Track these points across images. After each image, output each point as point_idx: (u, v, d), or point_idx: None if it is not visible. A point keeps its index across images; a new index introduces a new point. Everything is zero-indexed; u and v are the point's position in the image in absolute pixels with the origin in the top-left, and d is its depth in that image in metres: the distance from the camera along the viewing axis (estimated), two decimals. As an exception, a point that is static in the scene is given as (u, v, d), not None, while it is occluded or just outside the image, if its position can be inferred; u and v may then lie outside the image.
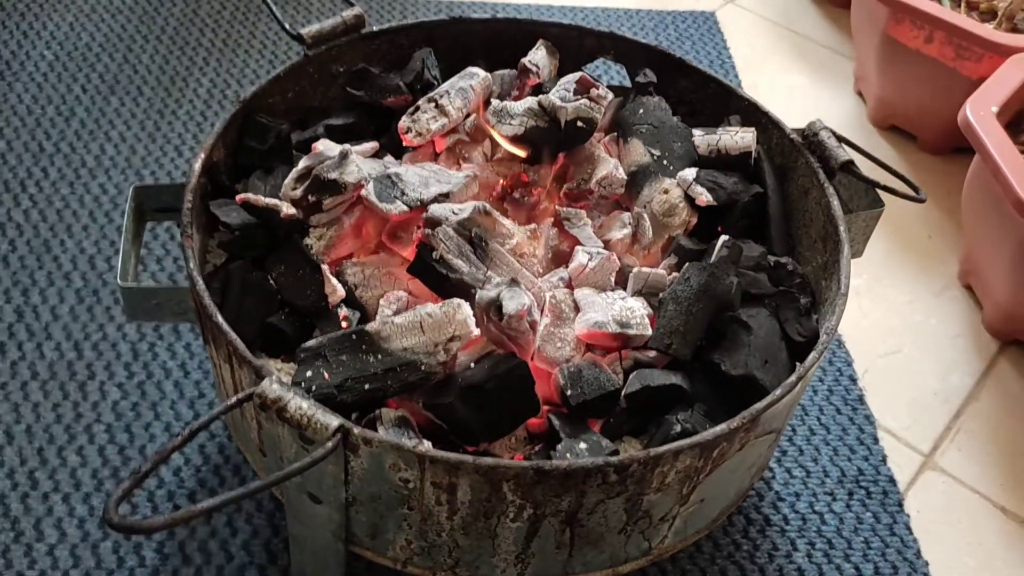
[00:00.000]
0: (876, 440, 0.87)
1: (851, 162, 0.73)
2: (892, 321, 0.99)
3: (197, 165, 0.69)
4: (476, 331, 0.61)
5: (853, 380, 0.92)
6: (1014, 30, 1.12)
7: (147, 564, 0.72)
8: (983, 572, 0.79)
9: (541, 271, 0.71)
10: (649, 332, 0.65)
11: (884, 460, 0.85)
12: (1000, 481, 0.85)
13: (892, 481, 0.84)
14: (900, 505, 0.82)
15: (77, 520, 0.74)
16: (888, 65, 1.14)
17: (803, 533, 0.79)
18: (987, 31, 1.04)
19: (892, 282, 1.03)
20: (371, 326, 0.61)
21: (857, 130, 1.21)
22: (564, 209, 0.74)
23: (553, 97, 0.75)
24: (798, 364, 0.64)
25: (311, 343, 0.61)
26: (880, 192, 0.75)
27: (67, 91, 1.11)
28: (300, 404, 0.54)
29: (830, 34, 1.37)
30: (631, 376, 0.64)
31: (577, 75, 0.78)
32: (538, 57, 0.84)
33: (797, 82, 1.28)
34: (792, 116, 0.81)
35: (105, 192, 1.00)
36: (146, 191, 0.70)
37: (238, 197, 0.68)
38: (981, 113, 0.93)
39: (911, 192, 0.75)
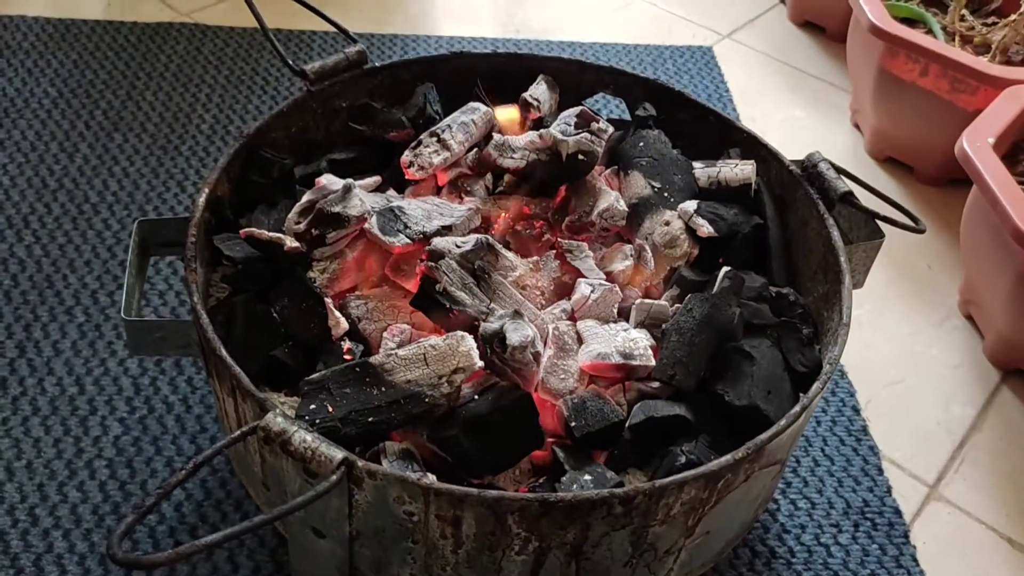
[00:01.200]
0: (880, 471, 0.86)
1: (850, 193, 0.74)
2: (894, 352, 0.99)
3: (201, 200, 0.69)
4: (480, 363, 0.61)
5: (856, 411, 0.92)
6: (1008, 63, 1.14)
7: (148, 601, 0.71)
8: (991, 604, 0.78)
9: (544, 303, 0.71)
10: (652, 363, 0.65)
11: (889, 491, 0.85)
12: (1005, 511, 0.85)
13: (898, 512, 0.83)
14: (906, 536, 0.81)
15: (78, 557, 0.74)
16: (884, 98, 1.15)
17: (809, 565, 0.79)
18: (982, 64, 1.06)
19: (893, 313, 1.03)
20: (375, 359, 0.61)
21: (854, 162, 1.22)
22: (566, 242, 0.74)
23: (554, 131, 0.76)
24: (801, 395, 0.64)
25: (315, 376, 0.61)
26: (880, 223, 0.75)
27: (71, 127, 1.12)
28: (304, 437, 0.54)
29: (826, 68, 1.39)
30: (635, 407, 0.64)
31: (578, 109, 0.79)
32: (539, 91, 0.85)
33: (794, 115, 1.29)
34: (789, 149, 0.82)
35: (108, 228, 1.01)
36: (150, 225, 0.71)
37: (242, 231, 0.68)
38: (978, 144, 0.93)
39: (910, 223, 0.75)
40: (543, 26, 1.41)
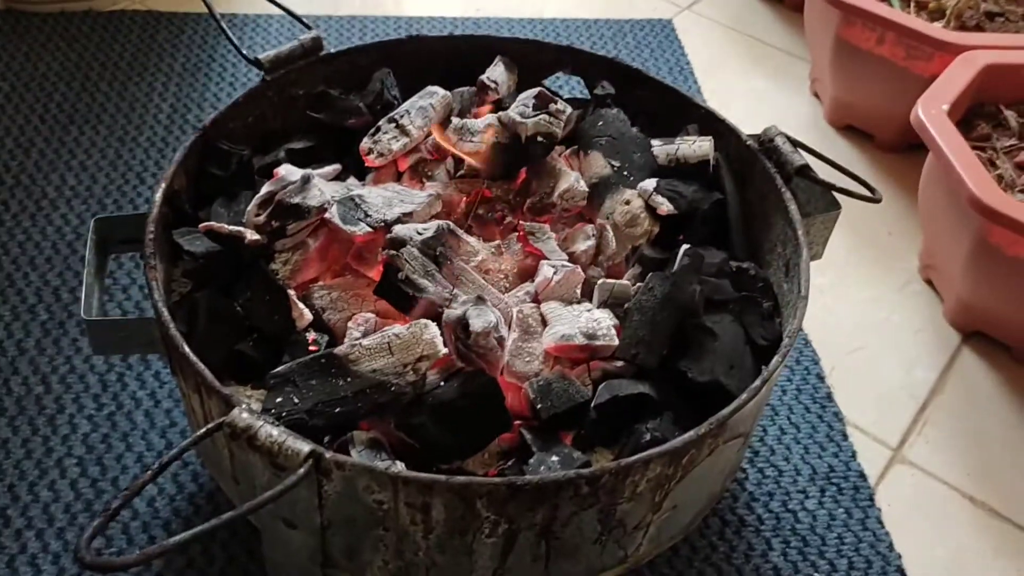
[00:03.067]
0: (845, 436, 0.88)
1: (806, 166, 0.75)
2: (856, 318, 1.00)
3: (158, 195, 0.68)
4: (444, 350, 0.61)
5: (820, 378, 0.93)
6: (962, 28, 1.15)
7: (124, 597, 0.72)
8: (954, 561, 0.80)
9: (507, 286, 0.72)
10: (616, 343, 0.66)
11: (854, 456, 0.87)
12: (967, 471, 0.87)
13: (862, 476, 0.85)
14: (871, 500, 0.83)
15: (51, 556, 0.74)
16: (842, 66, 1.16)
17: (778, 532, 0.80)
18: (936, 30, 1.07)
19: (854, 280, 1.04)
20: (339, 349, 0.62)
21: (814, 131, 1.23)
22: (528, 224, 0.74)
23: (513, 113, 0.76)
24: (763, 367, 0.65)
25: (280, 369, 0.61)
26: (836, 194, 0.76)
27: (25, 122, 1.10)
28: (270, 432, 0.54)
29: (785, 37, 1.39)
30: (600, 387, 0.64)
31: (536, 90, 0.79)
32: (496, 73, 0.84)
33: (755, 86, 1.30)
34: (751, 119, 0.82)
35: (68, 223, 0.99)
36: (108, 223, 0.70)
37: (202, 226, 0.68)
38: (932, 112, 0.95)
39: (867, 193, 0.76)
40: (503, 4, 1.40)
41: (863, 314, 1.01)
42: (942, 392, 0.94)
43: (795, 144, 0.76)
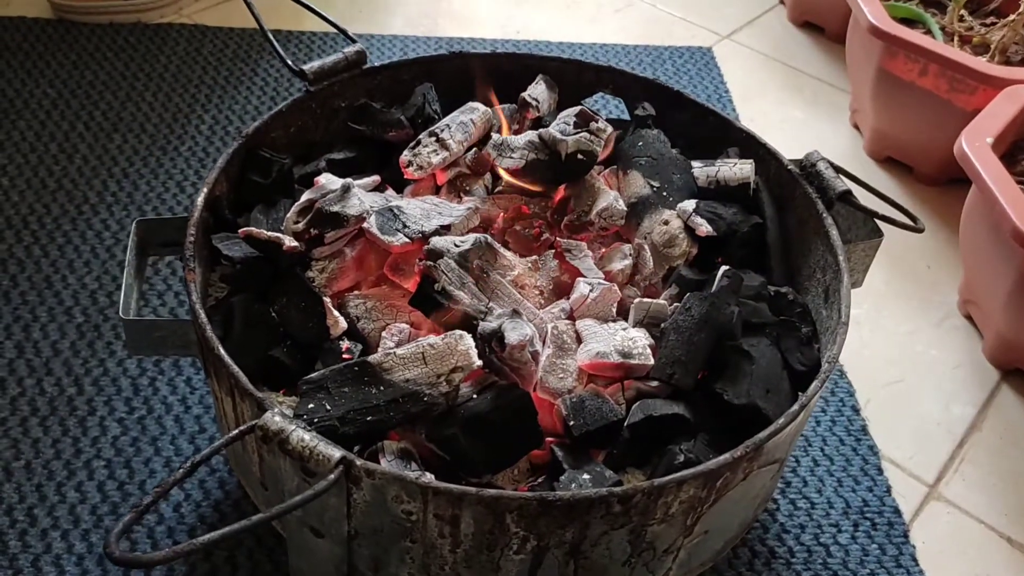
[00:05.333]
0: (880, 471, 0.86)
1: (849, 192, 0.74)
2: (893, 351, 0.99)
3: (200, 199, 0.69)
4: (478, 362, 0.61)
5: (855, 410, 0.92)
6: (1007, 63, 1.14)
7: (146, 601, 0.71)
8: (991, 604, 0.78)
9: (542, 302, 0.71)
10: (651, 362, 0.65)
11: (888, 491, 0.85)
12: (1005, 511, 0.85)
13: (897, 512, 0.83)
14: (906, 536, 0.81)
15: (75, 557, 0.73)
16: (883, 98, 1.15)
17: (809, 565, 0.79)
18: (981, 64, 1.06)
19: (892, 312, 1.03)
20: (373, 358, 0.61)
21: (853, 162, 1.22)
22: (565, 241, 0.74)
23: (553, 130, 0.76)
24: (800, 393, 0.64)
25: (313, 375, 0.61)
26: (878, 222, 0.75)
27: (70, 128, 1.12)
28: (302, 436, 0.54)
29: (825, 68, 1.39)
30: (634, 406, 0.64)
31: (577, 108, 0.79)
32: (538, 91, 0.85)
33: (793, 115, 1.29)
34: (789, 149, 0.82)
35: (107, 228, 1.01)
36: (149, 225, 0.71)
37: (241, 231, 0.68)
38: (976, 144, 0.93)
39: (909, 222, 0.75)
40: (542, 28, 1.41)
41: (900, 347, 0.99)
42: (980, 429, 0.92)
43: (837, 170, 0.76)
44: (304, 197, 0.70)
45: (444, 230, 0.70)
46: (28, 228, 1.00)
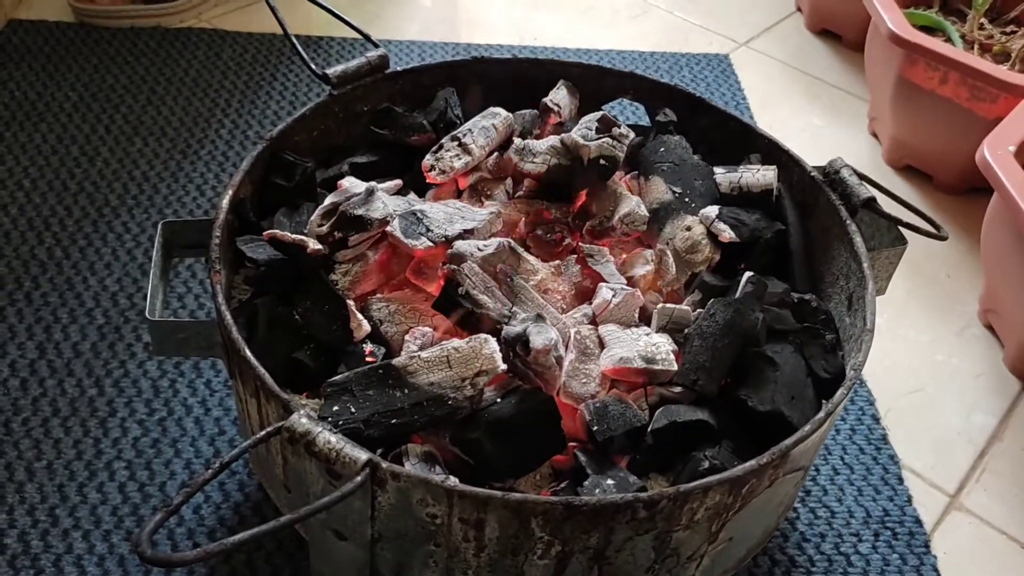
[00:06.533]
0: (901, 480, 0.86)
1: (873, 199, 0.74)
2: (913, 360, 0.98)
3: (224, 201, 0.69)
4: (503, 366, 0.61)
5: (876, 419, 0.91)
6: (1028, 71, 1.13)
7: (167, 603, 0.71)
8: (1014, 615, 0.78)
9: (565, 307, 0.71)
10: (675, 368, 0.65)
11: (909, 500, 0.84)
12: (1028, 522, 0.84)
13: (918, 522, 0.83)
14: (927, 546, 0.81)
15: (97, 557, 0.74)
16: (903, 106, 1.15)
17: (829, 575, 0.78)
18: (1002, 72, 1.05)
19: (912, 321, 1.02)
20: (398, 361, 0.61)
21: (872, 170, 1.22)
22: (587, 246, 0.74)
23: (576, 135, 0.76)
24: (824, 401, 0.63)
25: (338, 378, 0.61)
26: (901, 230, 0.75)
27: (91, 131, 1.13)
28: (329, 438, 0.54)
29: (843, 76, 1.38)
30: (657, 412, 0.63)
31: (599, 114, 0.79)
32: (559, 97, 0.85)
33: (811, 123, 1.29)
34: (807, 156, 0.81)
35: (128, 231, 1.01)
36: (174, 227, 0.71)
37: (266, 233, 0.69)
38: (998, 152, 0.93)
39: (932, 230, 0.75)
40: (559, 34, 1.41)
41: (921, 356, 0.99)
42: (1001, 439, 0.91)
43: (861, 177, 0.75)
44: (328, 200, 0.71)
45: (467, 234, 0.70)
46: (50, 230, 1.00)
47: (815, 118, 1.30)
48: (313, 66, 0.78)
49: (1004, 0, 1.23)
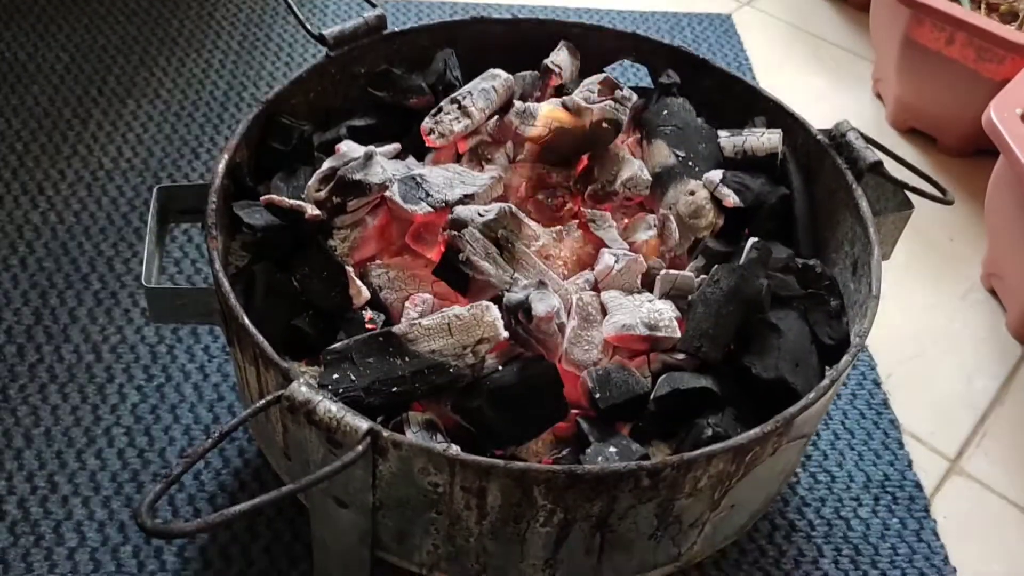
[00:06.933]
0: (901, 445, 0.86)
1: (880, 163, 0.73)
2: (915, 325, 0.98)
3: (220, 166, 0.68)
4: (505, 333, 0.60)
5: (877, 384, 0.91)
6: (1035, 31, 1.12)
7: (168, 568, 0.71)
8: (1012, 578, 0.78)
9: (567, 273, 0.70)
10: (678, 335, 0.65)
11: (910, 465, 0.84)
12: (1027, 486, 0.84)
13: (918, 486, 0.83)
14: (927, 511, 0.81)
15: (97, 524, 0.74)
16: (908, 67, 1.13)
17: (829, 539, 0.78)
18: (1010, 32, 1.03)
19: (914, 286, 1.02)
20: (398, 328, 0.61)
21: (876, 132, 1.19)
22: (589, 211, 0.73)
23: (577, 98, 0.75)
24: (828, 368, 0.63)
25: (337, 345, 0.60)
26: (907, 194, 0.74)
27: (84, 93, 1.11)
28: (329, 407, 0.53)
29: (847, 36, 1.36)
30: (660, 379, 0.63)
31: (601, 76, 0.77)
32: (560, 58, 0.83)
33: (815, 84, 1.27)
34: (811, 118, 0.80)
35: (122, 194, 1.00)
36: (169, 192, 0.70)
37: (263, 198, 0.67)
38: (1005, 115, 0.92)
39: (939, 194, 0.74)
40: (560, -8, 1.39)
41: (922, 321, 0.98)
42: (1002, 404, 0.91)
43: (868, 141, 0.74)
44: (326, 165, 0.69)
45: (468, 199, 0.69)
46: (44, 194, 0.99)
47: (819, 79, 1.28)
48: (309, 27, 0.77)
49: (1013, -42, 1.20)
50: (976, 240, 1.06)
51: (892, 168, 0.76)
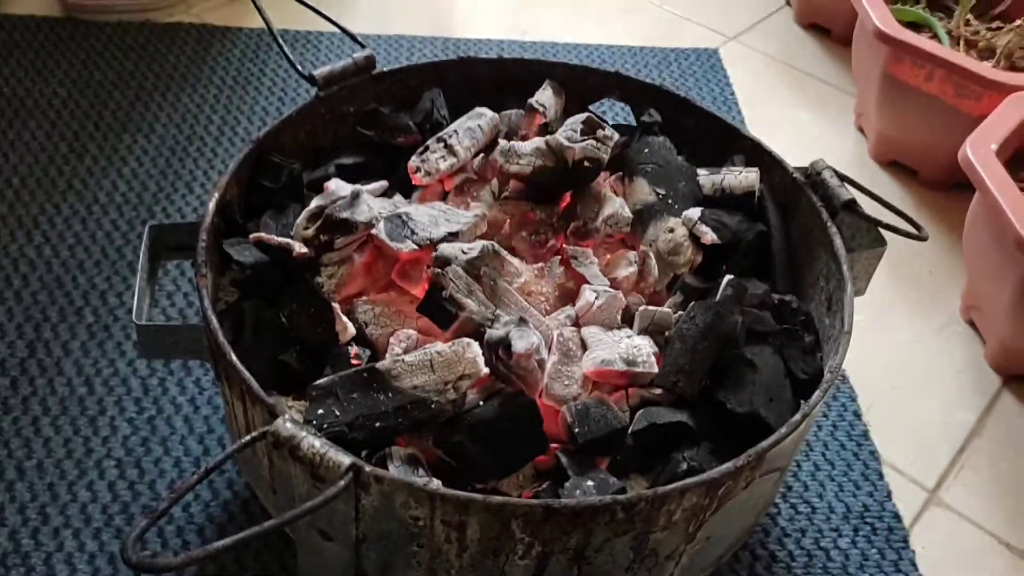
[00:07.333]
0: (881, 476, 0.87)
1: (853, 201, 0.75)
2: (895, 357, 0.99)
3: (211, 205, 0.70)
4: (485, 370, 0.61)
5: (857, 415, 0.92)
6: (1012, 68, 1.14)
7: (156, 600, 0.72)
8: (989, 609, 0.79)
9: (548, 309, 0.72)
10: (655, 370, 0.66)
11: (889, 496, 0.86)
12: (1004, 517, 0.86)
13: (897, 517, 0.84)
14: (905, 541, 0.82)
15: (87, 556, 0.75)
16: (889, 102, 1.16)
17: (809, 570, 0.79)
18: (986, 69, 1.06)
19: (895, 318, 1.03)
20: (382, 364, 0.62)
21: (858, 165, 1.23)
22: (571, 248, 0.75)
23: (560, 137, 0.77)
24: (802, 402, 0.64)
25: (323, 381, 0.62)
26: (882, 230, 0.76)
27: (80, 128, 1.13)
28: (312, 443, 0.55)
29: (831, 70, 1.39)
30: (638, 414, 0.64)
31: (584, 115, 0.79)
32: (545, 97, 0.85)
33: (799, 117, 1.30)
34: (794, 151, 0.82)
35: (117, 228, 1.02)
36: (161, 230, 0.72)
37: (252, 236, 0.69)
38: (981, 151, 0.94)
39: (913, 231, 0.76)
40: (549, 28, 1.41)
41: (902, 352, 1.00)
42: (981, 435, 0.93)
43: (842, 178, 0.76)
44: (314, 203, 0.71)
45: (452, 237, 0.71)
46: (39, 228, 1.01)
47: (802, 112, 1.31)
48: (299, 67, 0.79)
49: (990, -4, 1.24)
50: (956, 272, 1.08)
51: (869, 204, 0.78)
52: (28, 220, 1.01)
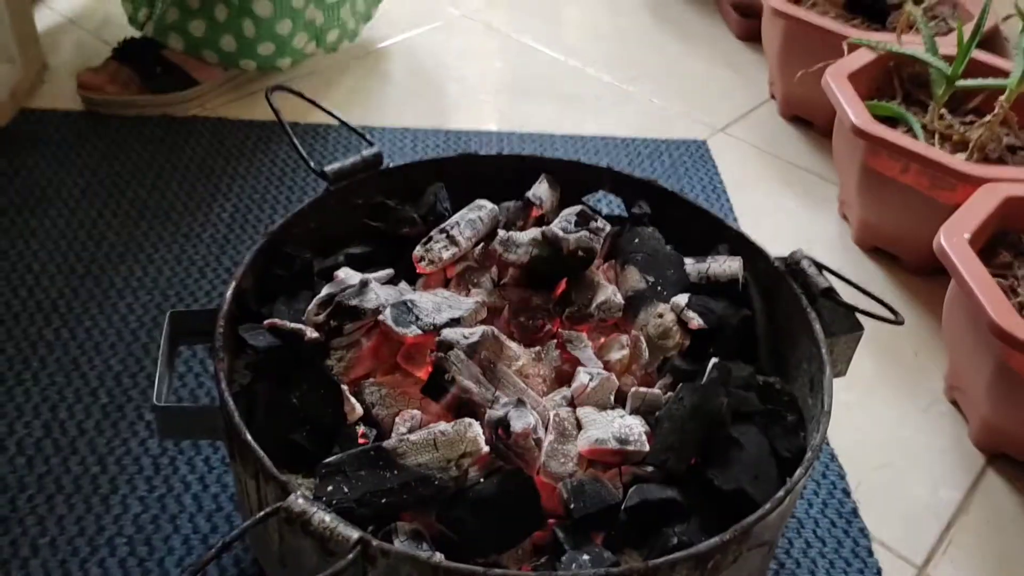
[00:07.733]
0: (871, 552, 0.90)
1: (831, 289, 0.79)
2: (882, 436, 1.03)
3: (228, 293, 0.74)
4: (486, 448, 0.65)
5: (847, 493, 0.95)
6: (985, 160, 1.20)
7: (164, 676, 0.74)
8: None
9: (545, 390, 0.76)
10: (647, 448, 0.70)
11: (879, 573, 0.88)
12: (991, 594, 0.88)
13: (887, 594, 0.86)
14: (895, 618, 0.84)
15: (97, 632, 0.77)
16: (868, 192, 1.22)
17: (801, 646, 0.81)
18: (958, 163, 1.12)
19: (881, 398, 1.07)
20: (388, 443, 0.66)
21: (842, 251, 1.28)
22: (566, 332, 0.79)
23: (556, 228, 0.82)
24: (787, 479, 0.68)
25: (332, 459, 0.65)
26: (860, 316, 0.80)
27: (98, 216, 1.19)
28: (323, 518, 0.58)
29: (814, 160, 1.46)
30: (630, 490, 0.68)
31: (578, 208, 0.85)
32: (541, 190, 0.91)
33: (785, 205, 1.36)
34: (780, 238, 0.87)
35: (132, 312, 1.06)
36: (181, 317, 0.76)
37: (266, 322, 0.74)
38: (954, 240, 0.99)
39: (889, 315, 0.80)
40: (544, 120, 1.49)
41: (889, 431, 1.03)
42: (967, 512, 0.95)
43: (820, 267, 0.81)
44: (324, 291, 0.76)
45: (454, 323, 0.75)
46: (57, 311, 1.05)
47: (788, 201, 1.37)
48: (312, 164, 0.84)
49: (964, 92, 1.31)
50: (939, 354, 1.12)
51: (849, 291, 0.82)
52: (47, 303, 1.06)
